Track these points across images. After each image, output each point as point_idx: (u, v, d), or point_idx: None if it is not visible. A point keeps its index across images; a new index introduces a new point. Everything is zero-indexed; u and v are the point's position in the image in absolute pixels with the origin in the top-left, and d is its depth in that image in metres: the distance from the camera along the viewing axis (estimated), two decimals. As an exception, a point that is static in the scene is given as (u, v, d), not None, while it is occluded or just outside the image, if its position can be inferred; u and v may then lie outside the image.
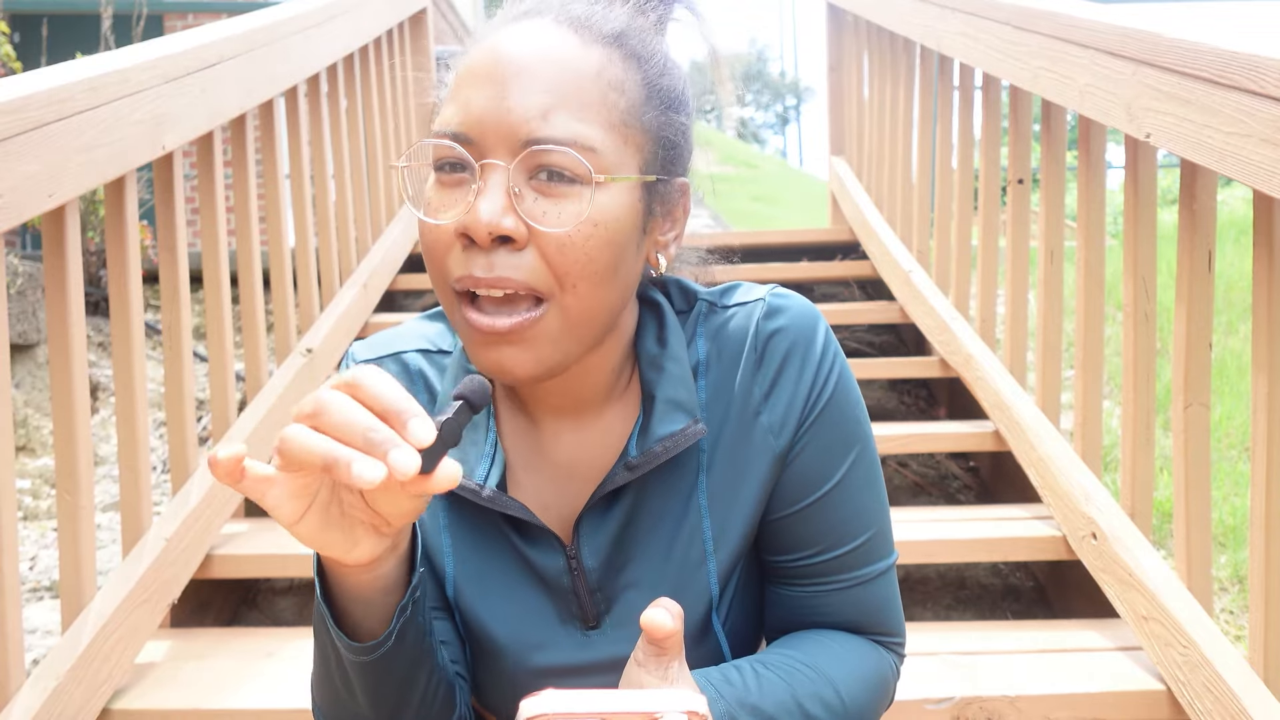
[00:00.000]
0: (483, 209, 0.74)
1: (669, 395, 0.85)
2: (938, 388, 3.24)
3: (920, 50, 3.09)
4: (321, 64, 2.78)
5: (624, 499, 0.86)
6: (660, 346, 0.87)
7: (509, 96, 0.76)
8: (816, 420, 0.87)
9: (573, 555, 0.87)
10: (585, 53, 0.78)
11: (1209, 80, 1.51)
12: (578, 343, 0.79)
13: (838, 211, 4.10)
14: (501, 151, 0.75)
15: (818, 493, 0.88)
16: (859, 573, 0.90)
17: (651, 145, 0.80)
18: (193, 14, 7.77)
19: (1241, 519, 2.66)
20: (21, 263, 3.60)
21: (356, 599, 0.75)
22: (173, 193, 2.01)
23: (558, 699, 0.62)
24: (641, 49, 0.81)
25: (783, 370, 0.86)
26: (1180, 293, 1.70)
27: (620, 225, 0.78)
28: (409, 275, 3.60)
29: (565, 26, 0.79)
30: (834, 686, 0.86)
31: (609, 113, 0.77)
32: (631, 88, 0.79)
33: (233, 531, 2.24)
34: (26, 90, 1.50)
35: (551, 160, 0.75)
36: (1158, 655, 1.71)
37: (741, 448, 0.87)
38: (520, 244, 0.75)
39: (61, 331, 1.64)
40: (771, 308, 0.88)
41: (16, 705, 1.48)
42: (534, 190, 0.76)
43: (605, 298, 0.79)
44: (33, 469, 3.16)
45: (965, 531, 2.17)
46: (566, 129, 0.75)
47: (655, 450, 0.83)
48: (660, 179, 0.82)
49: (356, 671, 0.77)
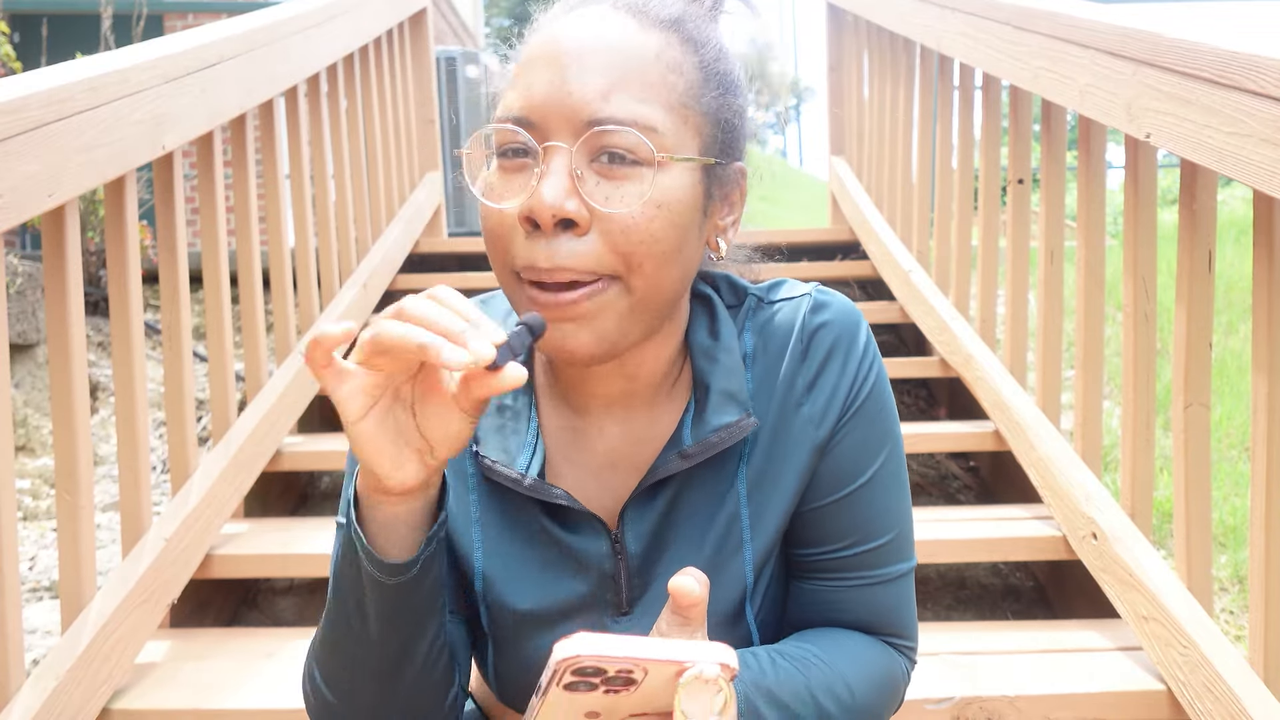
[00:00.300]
0: (546, 191, 0.75)
1: (723, 386, 0.86)
2: (938, 388, 3.24)
3: (920, 50, 3.09)
4: (321, 64, 2.78)
5: (669, 486, 0.88)
6: (713, 339, 0.89)
7: (570, 79, 0.77)
8: (856, 414, 0.89)
9: (617, 539, 0.88)
10: (644, 36, 0.79)
11: (1209, 80, 1.51)
12: (639, 324, 0.80)
13: (838, 211, 4.10)
14: (563, 134, 0.76)
15: (851, 486, 0.89)
16: (880, 571, 0.91)
17: (710, 128, 0.82)
18: (193, 14, 7.78)
19: (1241, 519, 2.66)
20: (21, 263, 3.60)
21: (385, 526, 0.77)
22: (173, 193, 2.01)
23: (592, 642, 0.61)
24: (698, 34, 0.83)
25: (827, 363, 0.88)
26: (1180, 293, 1.70)
27: (682, 206, 0.79)
28: (409, 275, 3.60)
29: (623, 11, 0.81)
30: (846, 682, 0.87)
31: (668, 94, 0.78)
32: (689, 70, 0.80)
33: (233, 531, 2.24)
34: (26, 90, 1.50)
35: (614, 141, 0.76)
36: (1158, 655, 1.71)
37: (782, 438, 0.88)
38: (583, 228, 0.76)
39: (61, 331, 1.64)
40: (817, 303, 0.90)
41: (16, 705, 1.48)
42: (596, 173, 0.77)
43: (669, 278, 0.80)
44: (32, 469, 3.16)
45: (965, 531, 2.17)
46: (628, 109, 0.76)
47: (711, 440, 0.85)
48: (719, 162, 0.83)
49: (376, 594, 0.78)
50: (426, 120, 4.03)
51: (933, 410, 3.23)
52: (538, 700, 0.64)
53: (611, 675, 0.61)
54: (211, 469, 2.11)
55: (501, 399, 0.89)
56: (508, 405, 0.89)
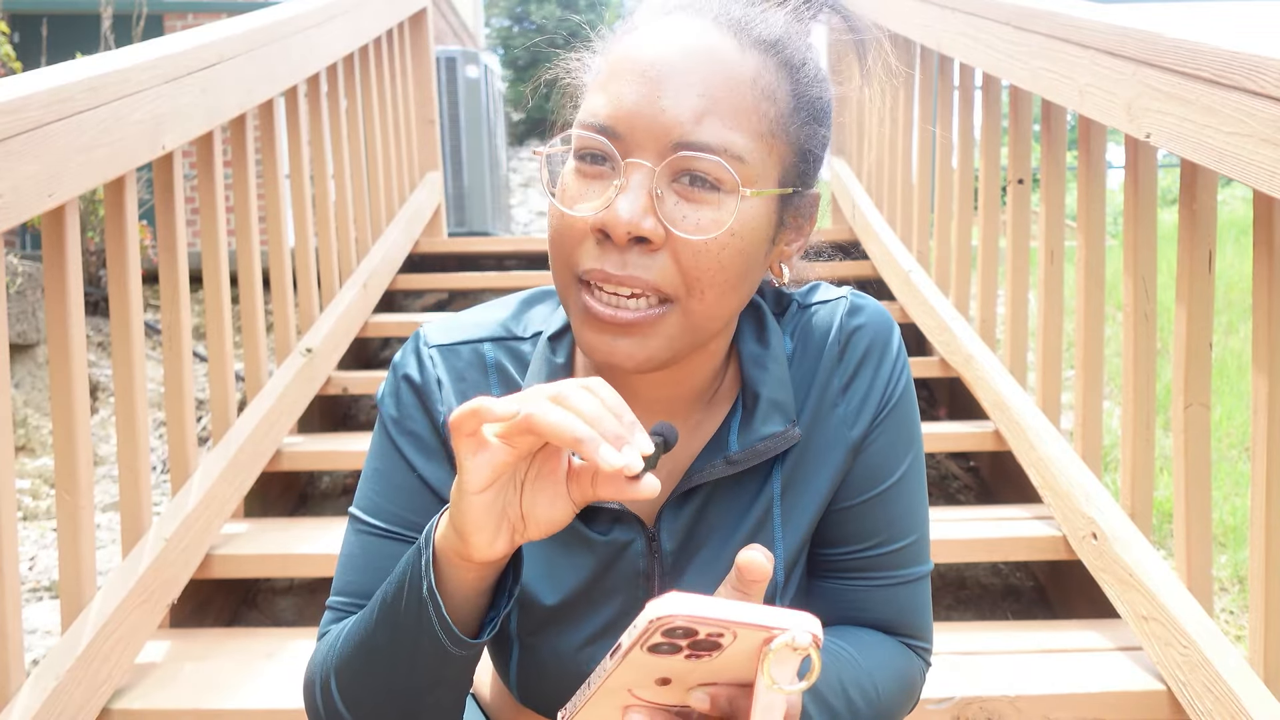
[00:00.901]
0: (623, 208, 0.74)
1: (772, 396, 0.87)
2: (938, 388, 3.24)
3: (920, 50, 3.09)
4: (321, 64, 2.78)
5: (705, 487, 0.88)
6: (762, 347, 0.89)
7: (663, 96, 0.75)
8: (889, 415, 0.90)
9: (653, 538, 0.88)
10: (742, 58, 0.77)
11: (1209, 80, 1.51)
12: (688, 345, 0.80)
13: (838, 211, 4.10)
14: (649, 151, 0.75)
15: (880, 486, 0.90)
16: (901, 572, 0.92)
17: (793, 157, 0.81)
18: (193, 14, 7.77)
19: (1241, 519, 2.66)
20: (21, 263, 3.60)
21: (457, 594, 0.76)
22: (173, 193, 2.01)
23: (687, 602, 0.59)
24: (795, 57, 0.81)
25: (863, 364, 0.90)
26: (1180, 293, 1.70)
27: (755, 236, 0.78)
28: (408, 275, 3.60)
29: (725, 28, 0.78)
30: (873, 680, 0.87)
31: (759, 121, 0.77)
32: (782, 97, 0.79)
33: (233, 531, 2.24)
34: (26, 90, 1.50)
35: (699, 166, 0.75)
36: (1158, 655, 1.71)
37: (817, 438, 0.89)
38: (656, 246, 0.75)
39: (61, 331, 1.64)
40: (854, 306, 0.92)
41: (16, 705, 1.48)
42: (675, 194, 0.76)
43: (729, 304, 0.80)
44: (32, 469, 3.16)
45: (965, 531, 2.17)
46: (718, 136, 0.75)
47: (757, 448, 0.86)
48: (796, 190, 0.82)
49: (436, 655, 0.77)
50: (426, 120, 4.03)
51: (933, 410, 3.23)
52: (612, 662, 0.62)
53: (701, 638, 0.60)
54: (211, 469, 2.11)
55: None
56: None
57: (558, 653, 0.90)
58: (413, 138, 3.93)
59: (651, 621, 0.59)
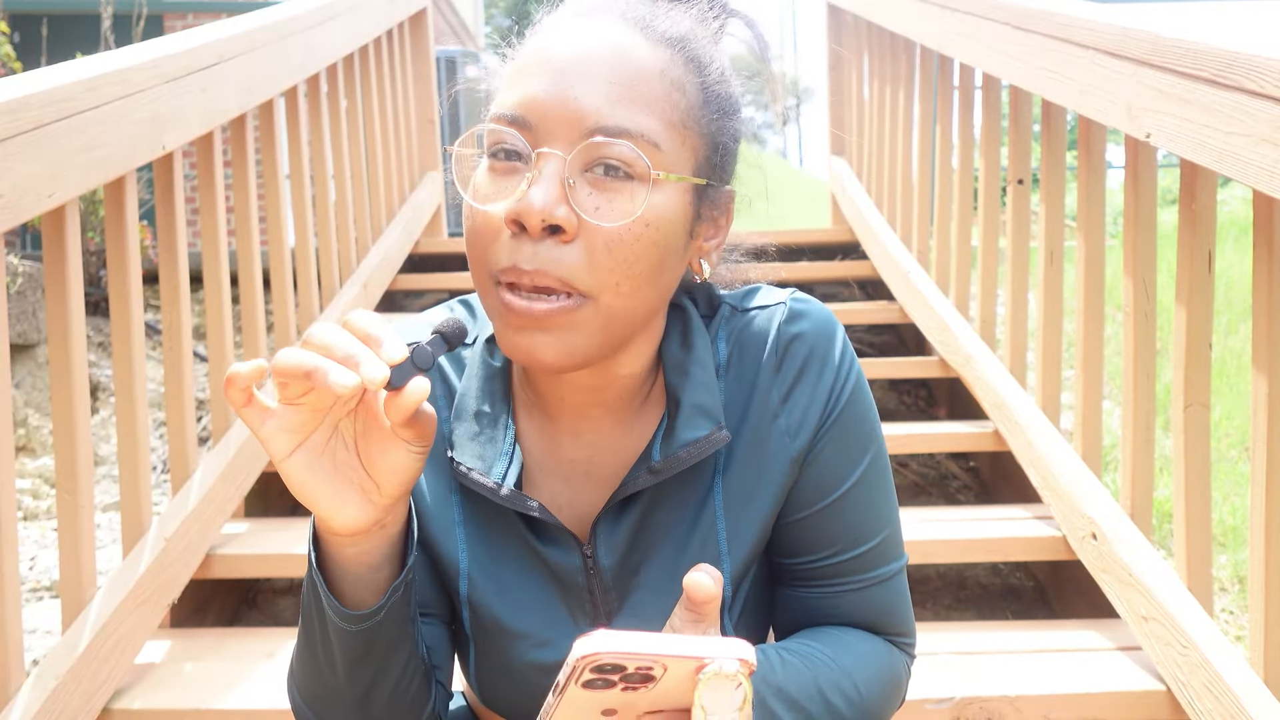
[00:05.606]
0: (536, 197, 0.74)
1: (694, 400, 0.85)
2: (938, 388, 3.24)
3: (920, 50, 3.09)
4: (321, 64, 2.78)
5: (641, 500, 0.86)
6: (685, 351, 0.87)
7: (574, 85, 0.75)
8: (833, 425, 0.87)
9: (589, 554, 0.87)
10: (651, 51, 0.78)
11: (1209, 80, 1.52)
12: (610, 340, 0.79)
13: (838, 211, 4.10)
14: (560, 140, 0.75)
15: (834, 495, 0.88)
16: (872, 574, 0.91)
17: (706, 149, 0.81)
18: (193, 14, 7.77)
19: (1241, 519, 2.66)
20: (21, 263, 3.60)
21: (345, 571, 0.76)
22: (173, 193, 2.01)
23: (612, 639, 0.60)
24: (702, 54, 0.82)
25: (802, 374, 0.87)
26: (1180, 293, 1.70)
27: (670, 227, 0.78)
28: (408, 275, 3.60)
29: (632, 25, 0.80)
30: (852, 680, 0.86)
31: (670, 111, 0.77)
32: (691, 90, 0.80)
33: (233, 531, 2.24)
34: (26, 90, 1.50)
35: (613, 153, 0.75)
36: (1158, 655, 1.71)
37: (758, 450, 0.87)
38: (569, 236, 0.75)
39: (61, 331, 1.64)
40: (793, 312, 0.88)
41: (16, 705, 1.48)
42: (588, 183, 0.76)
43: (645, 298, 0.79)
44: (33, 469, 3.16)
45: (965, 531, 2.17)
46: (632, 120, 0.75)
47: (680, 455, 0.83)
48: (711, 184, 0.82)
49: (340, 640, 0.78)
50: (426, 120, 4.03)
51: (933, 410, 3.23)
52: (554, 699, 0.64)
53: (630, 672, 0.61)
54: (211, 469, 2.11)
55: (479, 405, 0.87)
56: (485, 412, 0.87)
57: (510, 659, 0.89)
58: (413, 138, 3.93)
59: (579, 660, 0.60)
